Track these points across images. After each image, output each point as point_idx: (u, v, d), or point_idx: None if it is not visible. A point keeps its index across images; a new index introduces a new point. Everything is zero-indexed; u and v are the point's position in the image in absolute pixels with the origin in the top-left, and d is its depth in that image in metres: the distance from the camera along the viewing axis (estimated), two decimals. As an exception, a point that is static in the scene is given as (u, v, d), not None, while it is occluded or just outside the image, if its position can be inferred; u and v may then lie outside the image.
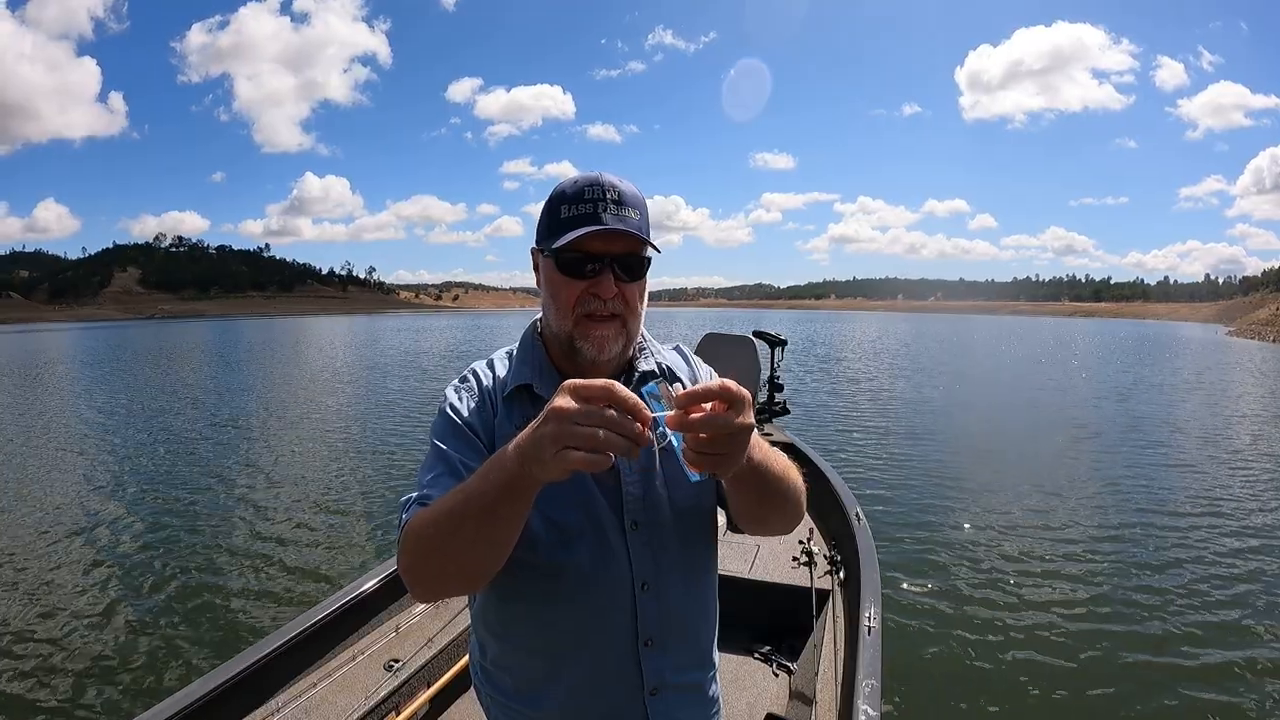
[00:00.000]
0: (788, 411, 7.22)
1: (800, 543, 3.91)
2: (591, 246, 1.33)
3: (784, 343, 7.22)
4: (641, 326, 1.49)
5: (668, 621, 1.46)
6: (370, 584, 3.68)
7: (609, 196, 1.33)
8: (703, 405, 1.05)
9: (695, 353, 1.70)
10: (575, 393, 1.02)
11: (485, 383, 1.49)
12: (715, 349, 6.54)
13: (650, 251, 1.39)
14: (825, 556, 4.07)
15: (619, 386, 1.01)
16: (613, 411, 1.00)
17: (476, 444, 1.40)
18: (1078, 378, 26.55)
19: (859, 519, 4.39)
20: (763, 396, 7.01)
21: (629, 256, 1.35)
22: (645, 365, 1.52)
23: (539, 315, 1.54)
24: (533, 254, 1.44)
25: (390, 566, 3.84)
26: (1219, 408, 18.52)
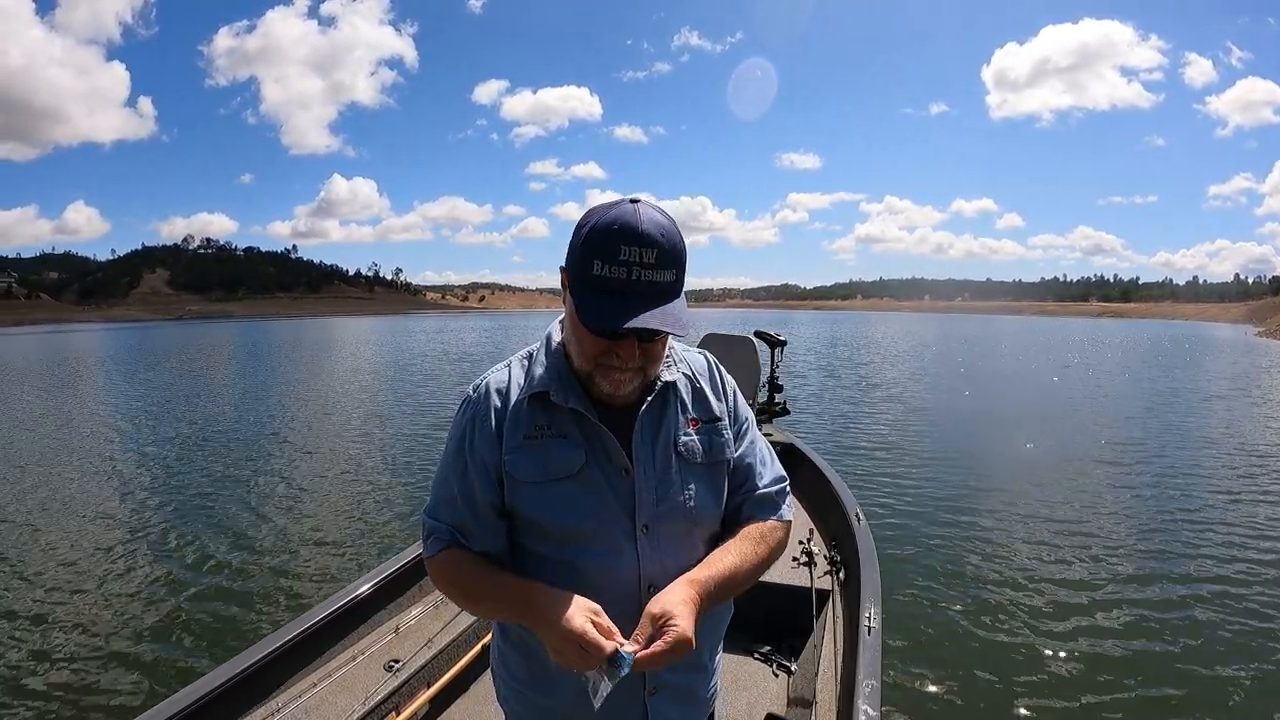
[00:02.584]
0: (788, 412, 7.20)
1: (800, 543, 3.92)
2: None
3: (783, 343, 7.20)
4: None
5: None
6: (370, 584, 3.70)
7: (645, 259, 1.30)
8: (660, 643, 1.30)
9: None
10: (576, 644, 1.30)
11: (496, 398, 1.52)
12: (715, 349, 6.50)
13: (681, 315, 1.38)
14: (825, 557, 4.08)
15: (601, 653, 1.28)
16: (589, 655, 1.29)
17: (485, 471, 1.48)
18: (1109, 381, 26.19)
19: (859, 519, 4.39)
20: (763, 396, 7.00)
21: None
22: (668, 376, 1.55)
23: (558, 322, 1.59)
24: (562, 274, 1.43)
25: (390, 567, 3.87)
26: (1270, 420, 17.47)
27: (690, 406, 1.59)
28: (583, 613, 1.33)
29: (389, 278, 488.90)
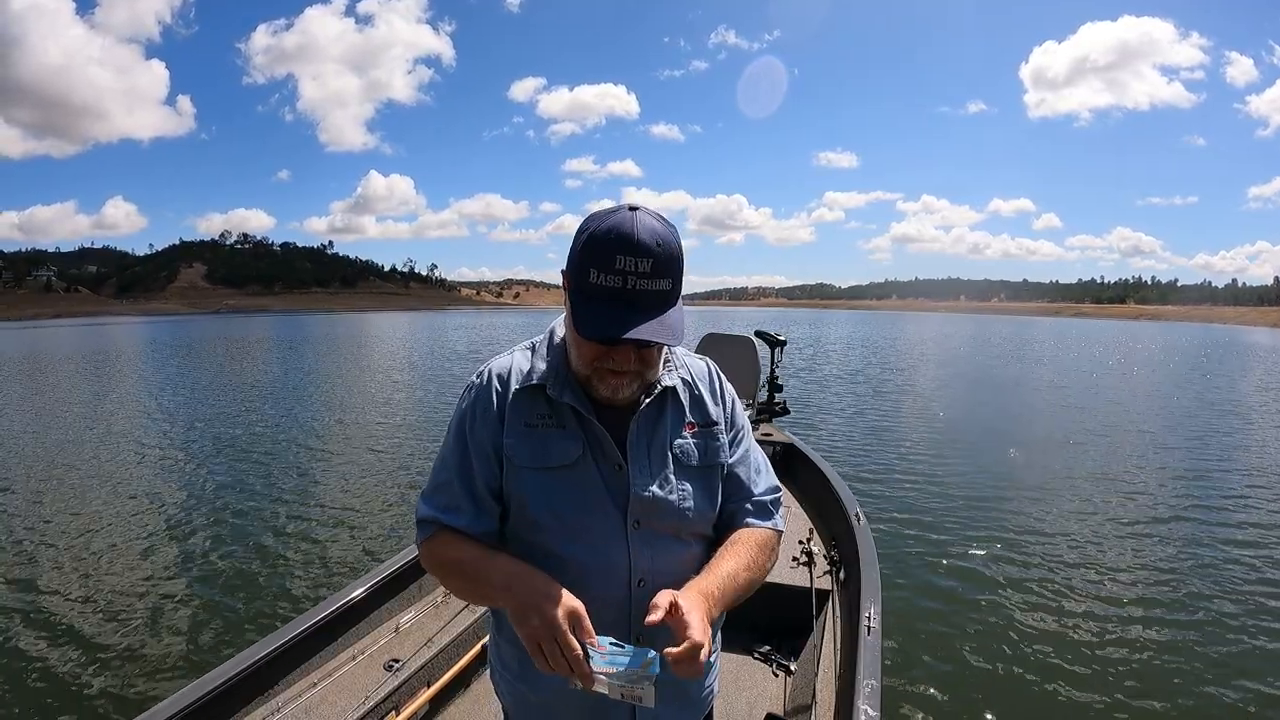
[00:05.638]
0: (787, 412, 7.19)
1: (800, 543, 3.93)
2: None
3: (783, 343, 7.22)
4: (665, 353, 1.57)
5: None
6: (370, 584, 3.69)
7: (641, 268, 1.29)
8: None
9: (695, 352, 1.75)
10: (553, 636, 1.29)
11: (498, 383, 1.53)
12: (715, 349, 6.53)
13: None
14: (825, 556, 4.09)
15: (575, 662, 1.28)
16: (563, 652, 1.28)
17: (484, 452, 1.50)
18: (1141, 387, 25.79)
19: (859, 519, 4.35)
20: (763, 396, 7.01)
21: None
22: (667, 380, 1.55)
23: (561, 320, 1.59)
24: (563, 277, 1.43)
25: (390, 567, 3.87)
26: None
27: (688, 411, 1.59)
28: (563, 608, 1.32)
29: (424, 274, 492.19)
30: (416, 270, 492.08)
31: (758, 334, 7.05)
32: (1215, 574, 6.96)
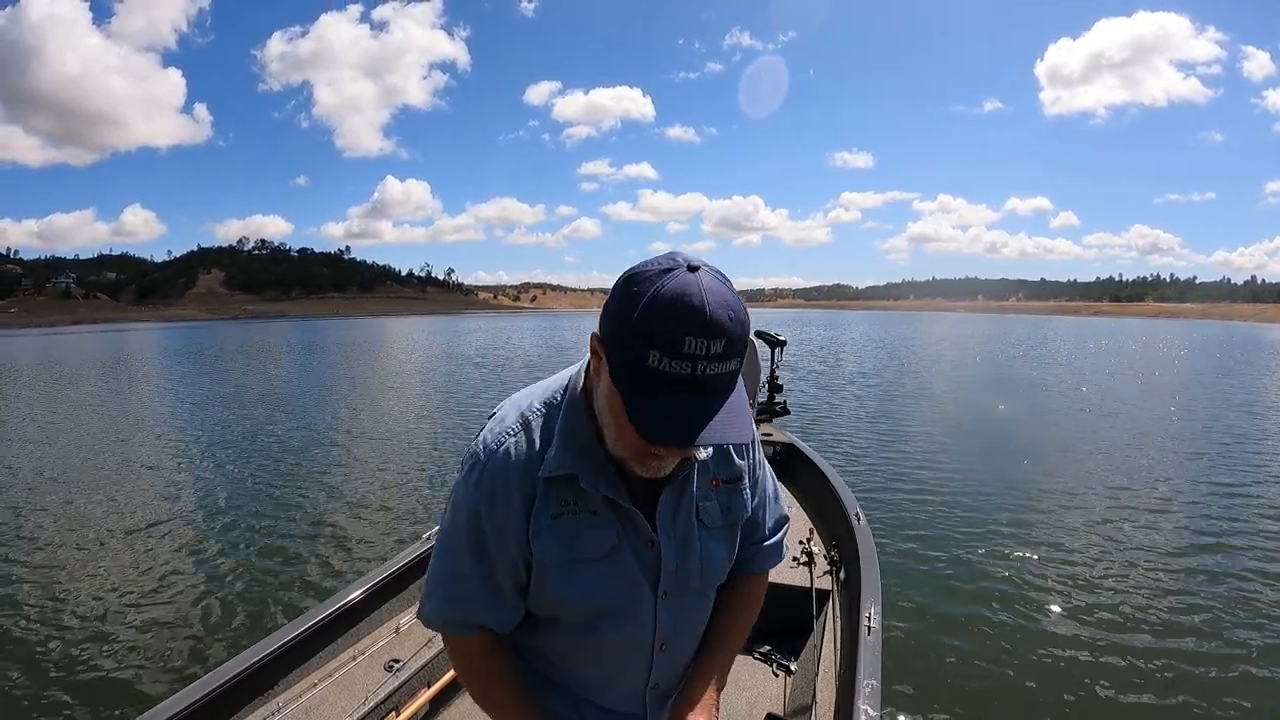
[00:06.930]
0: (788, 412, 7.21)
1: (800, 543, 3.90)
2: None
3: (783, 343, 7.22)
4: None
5: (675, 672, 1.51)
6: (370, 584, 3.70)
7: (711, 350, 1.06)
8: None
9: None
10: None
11: (514, 470, 1.32)
12: None
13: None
14: (825, 556, 4.07)
15: None
16: None
17: (507, 551, 1.35)
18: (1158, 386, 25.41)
19: (859, 519, 4.34)
20: (763, 397, 7.03)
21: None
22: (702, 454, 1.42)
23: (582, 367, 1.37)
24: (593, 342, 1.21)
25: (390, 567, 3.88)
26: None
27: (712, 466, 1.47)
28: None
29: (441, 278, 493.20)
30: (433, 274, 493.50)
31: (758, 334, 7.05)
32: (1229, 579, 6.85)
